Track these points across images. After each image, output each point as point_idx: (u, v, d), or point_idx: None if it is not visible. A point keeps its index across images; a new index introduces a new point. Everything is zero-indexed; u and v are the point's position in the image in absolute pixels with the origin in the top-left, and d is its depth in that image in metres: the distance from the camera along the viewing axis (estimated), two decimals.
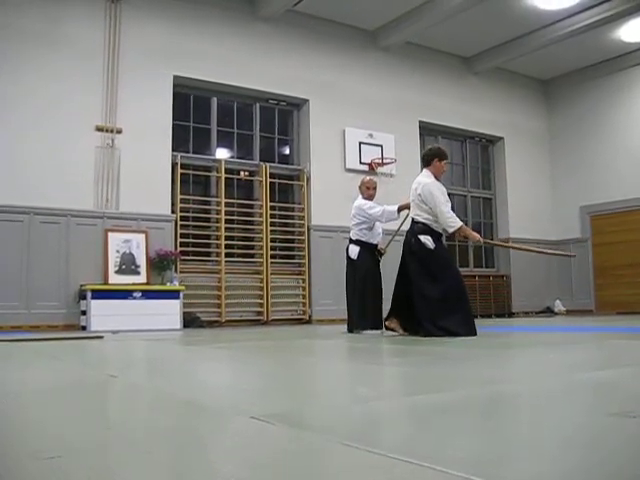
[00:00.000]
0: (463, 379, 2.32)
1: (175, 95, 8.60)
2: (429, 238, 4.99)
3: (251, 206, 9.29)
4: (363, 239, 6.16)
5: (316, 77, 9.73)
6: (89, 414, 1.71)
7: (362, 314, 5.93)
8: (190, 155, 8.88)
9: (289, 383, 2.41)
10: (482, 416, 1.58)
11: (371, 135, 10.03)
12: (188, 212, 8.75)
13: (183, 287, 7.98)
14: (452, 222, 4.99)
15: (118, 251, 7.83)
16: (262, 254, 9.03)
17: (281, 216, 9.41)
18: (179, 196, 8.51)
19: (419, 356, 3.58)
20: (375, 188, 6.33)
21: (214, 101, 9.26)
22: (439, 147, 5.41)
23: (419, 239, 5.00)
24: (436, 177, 5.15)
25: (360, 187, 6.39)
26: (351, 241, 6.23)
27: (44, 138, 7.52)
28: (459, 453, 1.14)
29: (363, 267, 6.08)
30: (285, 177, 9.67)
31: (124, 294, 7.48)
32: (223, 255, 8.71)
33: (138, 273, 7.90)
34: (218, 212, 8.89)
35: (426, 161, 5.22)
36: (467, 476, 0.95)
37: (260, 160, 9.45)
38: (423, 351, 3.79)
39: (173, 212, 8.40)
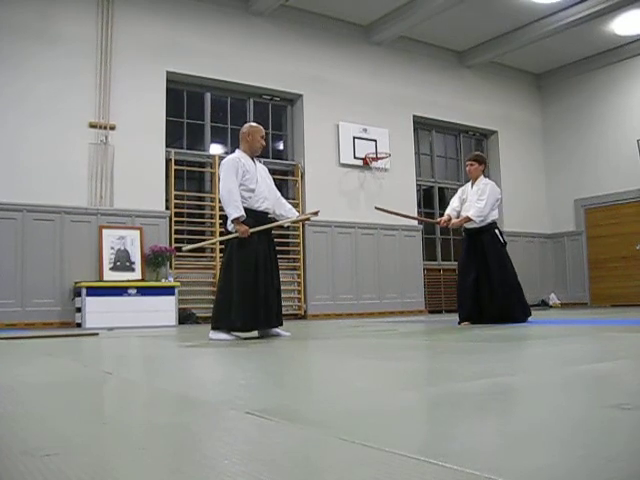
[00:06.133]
0: (460, 373, 2.32)
1: (168, 91, 8.58)
2: None
3: None
4: (244, 204, 4.55)
5: (310, 72, 9.71)
6: (85, 411, 1.71)
7: (228, 308, 4.46)
8: (184, 151, 8.86)
9: (285, 378, 2.40)
10: (481, 409, 1.58)
11: (365, 130, 10.02)
12: (182, 208, 8.72)
13: (178, 283, 7.97)
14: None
15: (112, 248, 7.81)
16: None
17: None
18: (173, 192, 8.49)
19: (416, 350, 3.58)
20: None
21: (207, 97, 9.23)
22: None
23: None
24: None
25: (251, 134, 4.69)
26: None
27: (37, 135, 7.48)
28: (456, 446, 1.13)
29: (250, 244, 4.52)
30: (279, 172, 9.65)
31: (119, 291, 7.46)
32: (218, 251, 8.69)
33: (133, 270, 7.88)
34: (212, 208, 8.87)
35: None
36: (465, 470, 0.95)
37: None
38: (420, 345, 3.79)
39: (167, 208, 8.38)
